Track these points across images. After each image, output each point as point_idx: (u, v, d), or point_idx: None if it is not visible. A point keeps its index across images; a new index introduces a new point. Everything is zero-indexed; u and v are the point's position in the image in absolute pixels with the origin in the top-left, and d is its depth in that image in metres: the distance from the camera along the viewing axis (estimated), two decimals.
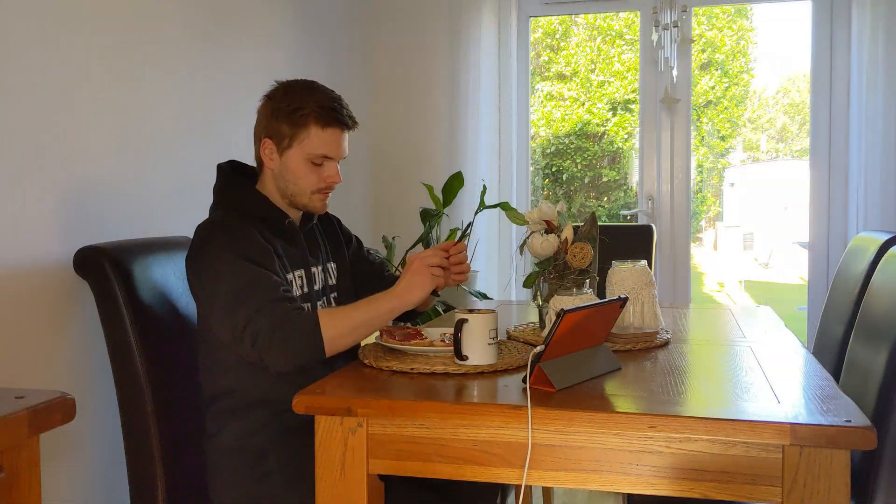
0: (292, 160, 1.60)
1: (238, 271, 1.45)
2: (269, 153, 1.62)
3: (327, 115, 1.59)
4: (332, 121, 1.59)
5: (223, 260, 1.47)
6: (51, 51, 1.62)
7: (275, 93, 1.63)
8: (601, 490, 1.21)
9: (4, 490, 0.82)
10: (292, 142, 1.59)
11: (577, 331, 1.33)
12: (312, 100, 1.58)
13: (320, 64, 2.99)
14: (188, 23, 2.12)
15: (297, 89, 1.61)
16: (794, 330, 1.91)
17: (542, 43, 5.66)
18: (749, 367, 1.46)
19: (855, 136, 3.13)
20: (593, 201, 6.00)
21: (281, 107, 1.59)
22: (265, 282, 1.46)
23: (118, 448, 1.66)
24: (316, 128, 1.58)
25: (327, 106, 1.59)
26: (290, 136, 1.59)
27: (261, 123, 1.64)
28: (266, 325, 1.40)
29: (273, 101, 1.62)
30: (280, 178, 1.62)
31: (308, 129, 1.58)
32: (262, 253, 1.51)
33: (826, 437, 1.08)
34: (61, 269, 1.62)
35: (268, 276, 1.47)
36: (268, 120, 1.61)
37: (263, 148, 1.62)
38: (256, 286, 1.44)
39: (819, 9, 3.26)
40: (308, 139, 1.58)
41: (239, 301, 1.43)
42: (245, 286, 1.44)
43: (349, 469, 1.27)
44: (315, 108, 1.58)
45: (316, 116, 1.58)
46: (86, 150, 1.72)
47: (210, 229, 1.53)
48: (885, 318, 1.53)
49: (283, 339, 1.40)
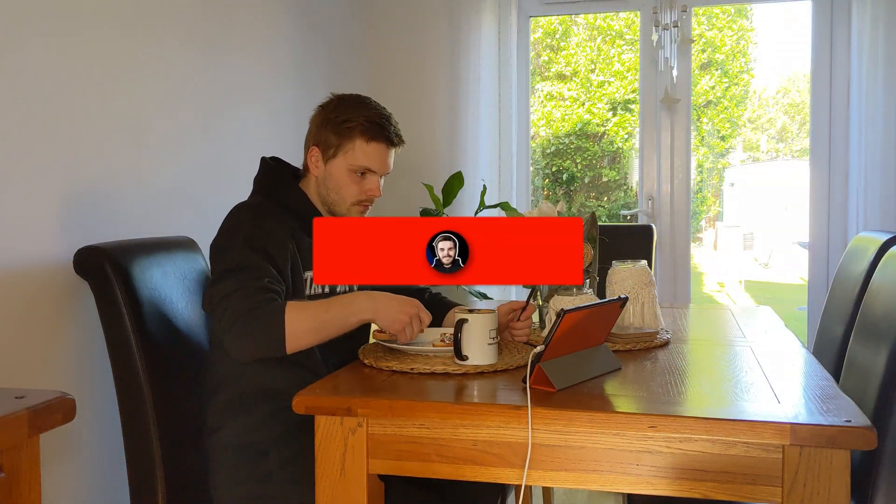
0: (336, 169, 1.66)
1: (241, 253, 1.48)
2: (315, 160, 1.68)
3: (373, 130, 1.65)
4: (378, 135, 1.65)
5: (236, 240, 1.51)
6: (51, 51, 1.62)
7: (328, 104, 1.70)
8: (601, 490, 1.21)
9: (4, 490, 0.82)
10: (337, 151, 1.65)
11: (577, 331, 1.33)
12: (361, 113, 1.65)
13: (320, 64, 2.99)
14: (188, 23, 2.12)
15: (349, 102, 1.68)
16: (794, 330, 1.92)
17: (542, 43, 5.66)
18: (749, 367, 1.46)
19: (855, 136, 3.13)
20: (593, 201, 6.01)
21: (331, 117, 1.66)
22: (257, 270, 1.47)
23: (118, 448, 1.66)
24: (361, 140, 1.64)
25: (375, 121, 1.65)
26: (336, 145, 1.65)
27: (311, 132, 1.70)
28: (235, 308, 1.41)
29: (325, 111, 1.69)
30: (323, 185, 1.68)
31: (353, 140, 1.64)
32: (274, 246, 1.53)
33: (826, 437, 1.08)
34: (61, 269, 1.62)
35: (265, 266, 1.49)
36: (317, 129, 1.68)
37: (311, 155, 1.68)
38: (247, 270, 1.46)
39: (819, 9, 3.26)
40: (353, 150, 1.64)
41: (226, 277, 1.45)
42: (238, 267, 1.46)
43: (349, 469, 1.27)
44: (362, 122, 1.64)
45: (362, 129, 1.64)
46: (86, 150, 1.72)
47: (242, 212, 1.58)
48: (885, 318, 1.53)
49: (245, 327, 1.40)
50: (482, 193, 3.11)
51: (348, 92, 1.74)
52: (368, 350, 1.61)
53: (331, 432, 1.27)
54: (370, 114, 1.66)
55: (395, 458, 1.26)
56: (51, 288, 1.61)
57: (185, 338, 1.71)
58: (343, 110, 1.66)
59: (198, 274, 1.85)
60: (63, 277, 1.63)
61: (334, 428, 1.27)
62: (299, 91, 2.81)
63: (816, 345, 2.38)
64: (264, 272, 1.47)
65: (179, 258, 1.80)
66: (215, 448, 1.56)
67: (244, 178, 2.36)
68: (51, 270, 1.61)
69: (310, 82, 2.90)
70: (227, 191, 2.28)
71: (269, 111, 2.59)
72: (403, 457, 1.26)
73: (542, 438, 1.20)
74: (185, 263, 1.81)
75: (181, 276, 1.77)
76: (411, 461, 1.26)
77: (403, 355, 1.54)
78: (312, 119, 1.71)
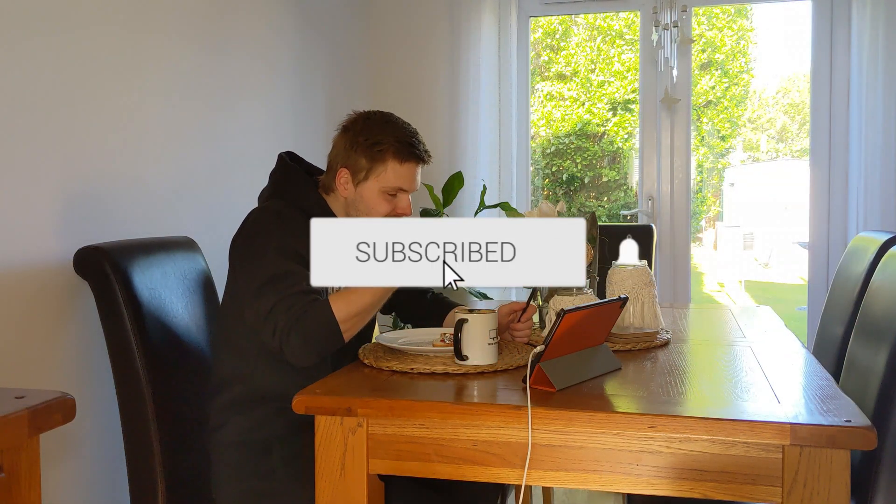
0: (367, 192, 1.63)
1: (276, 261, 1.48)
2: (344, 182, 1.65)
3: (406, 151, 1.62)
4: (410, 156, 1.63)
5: (268, 248, 1.50)
6: (51, 51, 1.62)
7: (353, 124, 1.66)
8: (601, 490, 1.21)
9: (4, 490, 0.82)
10: (369, 175, 1.62)
11: (577, 331, 1.33)
12: (391, 134, 1.62)
13: (320, 64, 3.00)
14: (188, 23, 2.12)
15: (376, 122, 1.65)
16: (794, 330, 1.91)
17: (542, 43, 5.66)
18: (749, 367, 1.46)
19: (855, 136, 3.13)
20: (593, 201, 6.01)
21: (360, 140, 1.62)
22: (294, 276, 1.47)
23: (118, 448, 1.66)
24: (394, 162, 1.62)
25: (406, 141, 1.62)
26: (367, 168, 1.62)
27: (338, 152, 1.66)
28: (285, 317, 1.42)
29: (351, 133, 1.65)
30: (353, 207, 1.65)
31: (386, 163, 1.62)
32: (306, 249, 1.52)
33: (826, 437, 1.08)
34: (61, 269, 1.63)
35: (301, 271, 1.48)
36: (346, 151, 1.64)
37: (339, 177, 1.65)
38: (285, 278, 1.46)
39: (819, 9, 3.26)
40: (385, 173, 1.62)
41: (267, 289, 1.45)
42: (276, 276, 1.46)
43: (349, 469, 1.27)
44: (394, 143, 1.61)
45: (395, 151, 1.61)
46: (86, 150, 1.72)
47: (266, 216, 1.56)
48: (885, 318, 1.53)
49: (302, 335, 1.41)
50: (482, 193, 3.11)
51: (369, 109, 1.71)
52: (368, 350, 1.61)
53: (331, 432, 1.27)
54: (399, 134, 1.63)
55: (395, 458, 1.26)
56: (51, 288, 1.61)
57: (185, 337, 1.71)
58: (371, 132, 1.62)
59: (198, 274, 1.85)
60: (63, 277, 1.63)
61: (334, 428, 1.27)
62: (299, 91, 2.81)
63: (816, 345, 2.38)
64: (301, 277, 1.47)
65: (179, 258, 1.80)
66: (217, 446, 1.56)
67: (244, 179, 2.36)
68: (51, 270, 1.61)
69: (310, 82, 2.90)
70: (227, 191, 2.29)
71: (269, 111, 2.59)
72: (403, 457, 1.26)
73: (542, 438, 1.20)
74: (185, 263, 1.81)
75: (181, 276, 1.77)
76: (411, 461, 1.26)
77: (403, 355, 1.54)
78: (337, 140, 1.67)
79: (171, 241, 1.83)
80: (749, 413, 1.14)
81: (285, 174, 1.68)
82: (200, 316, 1.80)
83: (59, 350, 1.64)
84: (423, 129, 3.62)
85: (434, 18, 3.49)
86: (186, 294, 1.77)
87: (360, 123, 1.65)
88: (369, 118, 1.66)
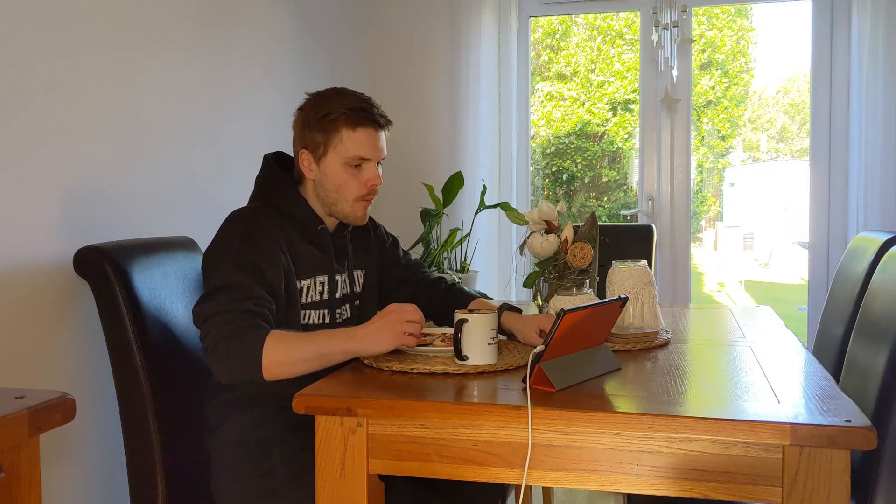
0: (330, 167, 1.60)
1: (229, 271, 1.46)
2: (307, 164, 1.62)
3: (356, 115, 1.58)
4: (363, 120, 1.59)
5: (227, 256, 1.48)
6: (51, 51, 1.62)
7: (305, 104, 1.64)
8: (601, 490, 1.21)
9: (4, 490, 0.82)
10: (327, 148, 1.59)
11: (577, 331, 1.33)
12: (341, 103, 1.59)
13: (320, 64, 3.00)
14: (188, 23, 2.12)
15: (326, 96, 1.62)
16: (794, 330, 1.91)
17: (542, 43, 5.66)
18: (749, 367, 1.46)
19: (855, 136, 3.13)
20: (593, 201, 6.01)
21: (311, 115, 1.60)
22: (244, 290, 1.44)
23: (118, 448, 1.66)
24: (347, 130, 1.58)
25: (356, 107, 1.59)
26: (323, 142, 1.59)
27: (296, 136, 1.65)
28: (219, 329, 1.39)
29: (304, 111, 1.63)
30: (320, 187, 1.62)
31: (339, 132, 1.58)
32: (266, 263, 1.50)
33: (826, 437, 1.08)
34: (61, 269, 1.62)
35: (252, 286, 1.45)
36: (301, 131, 1.62)
37: (301, 159, 1.63)
38: (234, 290, 1.43)
39: (819, 9, 3.26)
40: (341, 143, 1.59)
41: (215, 295, 1.43)
42: (225, 286, 1.44)
43: (349, 469, 1.27)
44: (344, 111, 1.58)
45: (346, 118, 1.58)
46: (86, 150, 1.72)
47: (235, 223, 1.54)
48: (885, 318, 1.53)
49: (225, 351, 1.38)
50: (482, 193, 3.11)
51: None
52: None
53: (331, 432, 1.27)
54: (349, 101, 1.59)
55: (395, 458, 1.26)
56: (51, 288, 1.61)
57: (185, 337, 1.71)
58: (321, 105, 1.60)
59: (197, 274, 1.85)
60: (63, 277, 1.63)
61: (334, 428, 1.27)
62: (299, 91, 2.80)
63: (816, 345, 2.38)
64: (251, 292, 1.44)
65: (179, 258, 1.80)
66: (217, 445, 1.56)
67: (244, 179, 2.36)
68: (51, 270, 1.61)
69: (310, 82, 2.90)
70: (227, 191, 2.29)
71: (268, 111, 2.59)
72: (403, 457, 1.26)
73: (542, 438, 1.20)
74: (185, 263, 1.81)
75: (181, 276, 1.77)
76: (411, 461, 1.26)
77: (403, 355, 1.54)
78: (294, 123, 1.65)
79: (171, 241, 1.83)
80: (749, 413, 1.14)
81: (266, 176, 1.66)
82: None
83: (59, 350, 1.64)
84: (424, 129, 3.63)
85: (434, 18, 3.49)
86: (186, 294, 1.77)
87: (312, 101, 1.63)
88: (320, 94, 1.63)
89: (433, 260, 3.03)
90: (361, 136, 1.59)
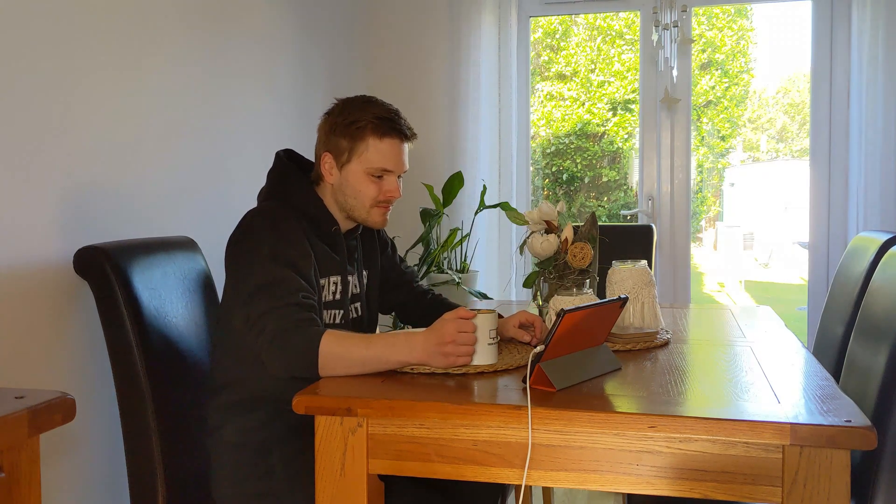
0: (352, 174, 1.61)
1: (269, 267, 1.46)
2: (328, 167, 1.63)
3: (384, 125, 1.60)
4: (390, 130, 1.60)
5: (261, 253, 1.48)
6: (51, 51, 1.62)
7: (333, 109, 1.65)
8: (601, 490, 1.21)
9: (4, 490, 0.82)
10: (351, 156, 1.60)
11: (577, 331, 1.33)
12: (369, 112, 1.60)
13: (320, 64, 3.00)
14: (188, 23, 2.12)
15: (355, 103, 1.63)
16: (794, 330, 1.91)
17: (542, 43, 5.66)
18: (749, 367, 1.46)
19: (855, 136, 3.13)
20: (593, 201, 6.01)
21: (339, 121, 1.61)
22: (289, 284, 1.46)
23: (118, 448, 1.66)
24: (374, 139, 1.59)
25: (384, 117, 1.60)
26: (348, 149, 1.60)
27: (320, 140, 1.65)
28: (273, 326, 1.41)
29: (331, 116, 1.64)
30: (339, 192, 1.63)
31: (366, 141, 1.59)
32: (300, 256, 1.51)
33: (826, 437, 1.08)
34: (61, 269, 1.62)
35: (295, 279, 1.47)
36: (327, 136, 1.63)
37: (323, 163, 1.63)
38: (280, 285, 1.45)
39: (819, 9, 3.26)
40: (367, 152, 1.60)
41: (259, 295, 1.44)
42: (270, 283, 1.45)
43: (349, 469, 1.27)
44: (372, 120, 1.59)
45: (373, 127, 1.59)
46: (86, 150, 1.72)
47: (259, 220, 1.54)
48: (885, 318, 1.53)
49: (282, 346, 1.40)
50: (482, 193, 3.11)
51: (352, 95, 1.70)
52: None
53: (331, 432, 1.27)
54: (378, 110, 1.61)
55: (395, 458, 1.26)
56: (51, 288, 1.61)
57: (185, 338, 1.71)
58: (350, 112, 1.61)
59: (197, 274, 1.85)
60: (63, 277, 1.63)
61: (334, 428, 1.27)
62: (299, 91, 2.81)
63: (816, 345, 2.38)
64: (297, 284, 1.46)
65: (179, 258, 1.80)
66: (217, 446, 1.56)
67: (244, 179, 2.36)
68: (51, 270, 1.61)
69: (310, 82, 2.90)
70: (227, 191, 2.29)
71: (269, 111, 2.59)
72: (403, 457, 1.26)
73: (542, 438, 1.20)
74: (185, 263, 1.81)
75: (181, 276, 1.77)
76: (411, 461, 1.26)
77: None
78: (320, 127, 1.66)
79: (171, 241, 1.83)
80: (749, 413, 1.14)
81: (282, 173, 1.67)
82: (200, 316, 1.80)
83: (59, 350, 1.64)
84: (423, 129, 3.62)
85: (434, 18, 3.49)
86: (186, 294, 1.77)
87: (340, 106, 1.65)
88: (349, 101, 1.65)
89: (433, 260, 3.03)
90: (387, 147, 1.60)
